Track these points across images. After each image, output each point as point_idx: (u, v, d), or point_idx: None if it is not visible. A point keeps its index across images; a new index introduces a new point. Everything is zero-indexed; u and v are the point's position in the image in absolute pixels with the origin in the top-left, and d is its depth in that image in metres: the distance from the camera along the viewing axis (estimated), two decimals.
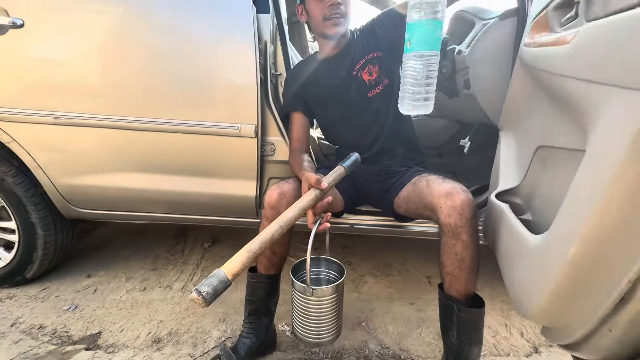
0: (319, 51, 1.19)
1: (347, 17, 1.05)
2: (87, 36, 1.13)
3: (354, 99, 1.12)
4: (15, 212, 1.30)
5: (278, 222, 0.77)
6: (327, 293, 0.88)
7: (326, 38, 1.10)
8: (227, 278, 0.66)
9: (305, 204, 0.82)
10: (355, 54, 1.11)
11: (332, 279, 1.02)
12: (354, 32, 1.15)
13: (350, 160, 0.96)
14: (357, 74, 1.10)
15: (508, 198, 0.88)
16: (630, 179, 0.34)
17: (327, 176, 0.88)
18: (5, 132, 1.18)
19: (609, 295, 0.41)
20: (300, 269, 0.99)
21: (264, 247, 0.74)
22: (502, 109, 1.03)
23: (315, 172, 0.97)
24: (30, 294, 1.38)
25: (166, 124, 1.15)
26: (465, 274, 0.83)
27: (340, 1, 1.01)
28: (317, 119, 1.24)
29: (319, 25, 1.06)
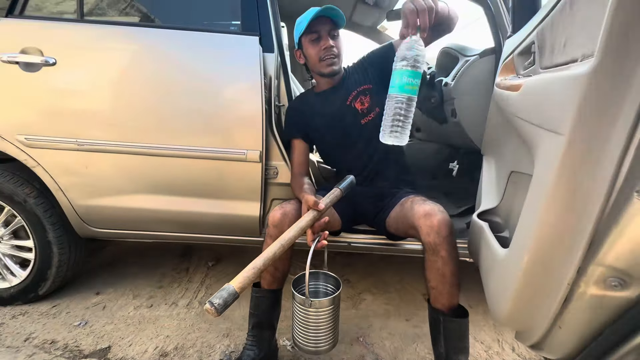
0: (316, 86, 1.33)
1: (339, 56, 1.20)
2: (109, 72, 1.26)
3: (349, 126, 1.24)
4: (33, 231, 1.39)
5: (280, 241, 0.86)
6: (325, 305, 0.96)
7: (322, 76, 1.23)
8: (235, 291, 0.75)
9: (304, 224, 0.91)
10: (348, 87, 1.25)
11: (330, 292, 1.10)
12: (347, 68, 1.30)
13: (346, 182, 1.06)
14: (350, 104, 1.23)
15: (489, 217, 0.98)
16: (558, 201, 0.44)
17: (324, 198, 0.98)
18: (31, 157, 1.29)
19: (556, 296, 0.50)
20: (301, 283, 1.07)
21: (267, 263, 0.83)
22: (483, 137, 1.15)
23: (314, 194, 1.08)
24: (42, 310, 1.44)
25: (178, 149, 1.26)
26: (447, 288, 0.91)
27: (332, 44, 1.16)
28: (316, 145, 1.36)
29: (316, 65, 1.20)
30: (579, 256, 0.44)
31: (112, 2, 1.46)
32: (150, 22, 1.43)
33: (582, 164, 0.41)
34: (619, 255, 0.40)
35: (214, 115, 1.27)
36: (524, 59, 0.85)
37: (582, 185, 0.42)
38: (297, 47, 1.24)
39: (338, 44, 1.19)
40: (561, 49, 0.59)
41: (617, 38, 0.36)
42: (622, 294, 0.43)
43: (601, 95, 0.38)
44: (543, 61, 0.69)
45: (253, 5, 1.29)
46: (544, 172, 0.48)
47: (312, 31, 1.15)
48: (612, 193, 0.39)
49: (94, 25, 1.30)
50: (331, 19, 1.15)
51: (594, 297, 0.45)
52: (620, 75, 0.36)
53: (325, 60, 1.17)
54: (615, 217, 0.39)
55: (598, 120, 0.39)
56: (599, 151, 0.39)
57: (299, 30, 1.18)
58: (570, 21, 0.57)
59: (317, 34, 1.16)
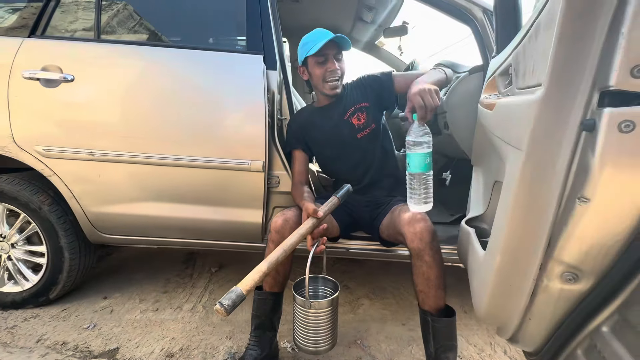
0: (317, 102, 1.41)
1: (342, 78, 1.28)
2: (122, 87, 1.35)
3: (346, 139, 1.32)
4: (47, 237, 1.46)
5: (282, 247, 0.93)
6: (324, 306, 1.02)
7: (324, 95, 1.32)
8: (242, 293, 0.82)
9: (304, 231, 0.99)
10: (346, 103, 1.33)
11: (329, 295, 1.16)
12: (346, 85, 1.38)
13: (343, 191, 1.14)
14: (347, 119, 1.32)
15: (476, 224, 1.05)
16: (521, 207, 0.51)
17: (323, 206, 1.06)
18: (48, 166, 1.38)
19: (525, 291, 0.56)
20: (301, 286, 1.13)
21: (271, 267, 0.90)
22: (472, 149, 1.23)
23: (314, 202, 1.15)
24: (52, 313, 1.50)
25: (185, 160, 1.35)
26: (433, 291, 0.98)
27: (337, 67, 1.23)
28: (315, 156, 1.44)
29: (319, 85, 1.28)
30: (540, 254, 0.51)
31: (122, 20, 1.56)
32: (158, 39, 1.53)
33: (538, 175, 0.48)
34: (570, 253, 0.47)
35: (220, 127, 1.36)
36: (504, 79, 0.94)
37: (539, 193, 0.49)
38: (302, 64, 1.31)
39: (342, 66, 1.26)
40: (530, 73, 0.68)
41: (560, 71, 0.44)
42: (576, 287, 0.49)
43: (549, 118, 0.46)
44: (518, 82, 0.77)
45: (257, 26, 1.39)
46: (509, 182, 0.55)
47: (319, 54, 1.21)
48: (563, 200, 0.46)
49: (110, 45, 1.40)
50: (338, 44, 1.23)
51: (554, 290, 0.52)
52: (564, 103, 0.44)
53: (329, 82, 1.25)
54: (564, 220, 0.46)
55: (549, 140, 0.46)
56: (550, 165, 0.47)
57: (305, 49, 1.24)
58: (535, 49, 0.65)
59: (324, 57, 1.22)
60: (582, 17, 0.41)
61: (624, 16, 0.36)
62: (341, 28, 2.57)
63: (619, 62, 0.37)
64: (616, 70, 0.37)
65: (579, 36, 0.41)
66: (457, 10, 1.43)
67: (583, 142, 0.43)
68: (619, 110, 0.38)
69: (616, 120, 0.38)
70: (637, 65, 0.36)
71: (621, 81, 0.37)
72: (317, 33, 1.23)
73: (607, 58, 0.39)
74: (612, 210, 0.41)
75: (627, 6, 0.36)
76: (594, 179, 0.40)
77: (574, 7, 0.41)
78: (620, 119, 0.38)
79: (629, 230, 0.41)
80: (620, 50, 0.36)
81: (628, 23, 0.36)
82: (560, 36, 0.44)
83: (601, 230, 0.43)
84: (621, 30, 0.36)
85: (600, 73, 0.40)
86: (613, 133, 0.38)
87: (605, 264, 0.45)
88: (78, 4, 1.50)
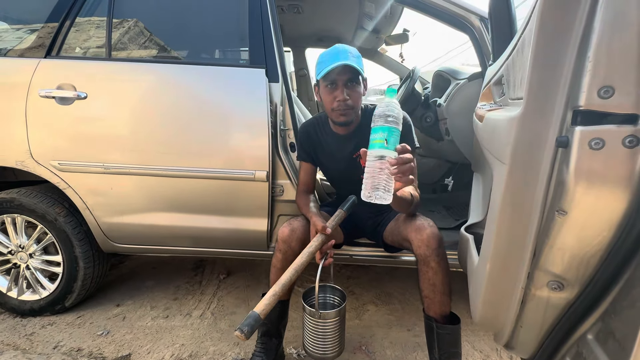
0: (331, 125, 1.28)
1: (354, 108, 1.14)
2: (133, 103, 1.42)
3: (351, 176, 1.28)
4: (62, 247, 1.53)
5: (294, 267, 0.96)
6: (332, 316, 1.05)
7: (334, 123, 1.22)
8: (259, 317, 0.86)
9: (314, 249, 1.01)
10: (359, 141, 1.20)
11: (336, 303, 1.19)
12: (367, 112, 1.23)
13: (349, 203, 1.16)
14: (356, 158, 1.24)
15: (476, 230, 1.06)
16: (507, 217, 0.53)
17: (330, 221, 1.08)
18: (63, 180, 1.44)
19: (515, 299, 0.58)
20: (310, 295, 1.17)
21: (285, 289, 0.93)
22: (472, 156, 1.24)
23: (320, 214, 1.16)
24: (68, 321, 1.57)
25: (192, 171, 1.40)
26: (439, 297, 0.99)
27: (347, 97, 1.10)
28: (321, 170, 1.43)
29: (328, 112, 1.19)
30: (527, 263, 0.53)
31: (133, 37, 1.63)
32: (168, 54, 1.59)
33: (521, 188, 0.50)
34: (554, 262, 0.49)
35: (225, 139, 1.40)
36: (499, 88, 0.96)
37: (523, 205, 0.51)
38: (316, 84, 1.21)
39: (354, 94, 1.12)
40: (519, 84, 0.70)
41: (537, 89, 0.46)
42: (562, 295, 0.51)
43: (529, 134, 0.48)
44: (510, 93, 0.79)
45: (259, 41, 1.44)
46: (496, 193, 0.57)
47: (328, 79, 1.11)
48: (544, 212, 0.48)
49: (119, 62, 1.47)
50: (350, 67, 1.08)
51: (542, 299, 0.53)
52: (541, 120, 0.46)
53: (337, 111, 1.14)
54: (547, 231, 0.48)
55: (529, 154, 0.49)
56: (532, 178, 0.49)
57: (317, 70, 1.15)
58: (522, 62, 0.67)
59: (333, 84, 1.11)
60: (554, 39, 0.43)
61: (589, 42, 0.38)
62: (343, 37, 2.62)
63: (586, 83, 0.39)
64: (584, 92, 0.39)
65: (552, 57, 0.44)
66: (454, 19, 1.45)
67: (560, 157, 0.45)
68: (589, 129, 0.40)
69: (587, 137, 0.40)
70: (604, 87, 0.38)
71: (589, 102, 0.40)
72: (332, 53, 1.10)
73: (577, 79, 0.41)
74: (588, 223, 0.43)
75: (592, 33, 0.38)
76: (569, 193, 0.42)
77: (546, 30, 0.44)
78: (591, 137, 0.40)
79: (606, 242, 0.43)
80: (587, 72, 0.39)
81: (593, 48, 0.38)
82: (535, 56, 0.46)
83: (580, 241, 0.45)
84: (588, 55, 0.39)
85: (572, 93, 0.42)
86: (584, 150, 0.40)
87: (588, 273, 0.46)
88: (91, 23, 1.57)
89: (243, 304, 1.69)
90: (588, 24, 0.39)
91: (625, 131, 0.38)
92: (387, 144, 0.78)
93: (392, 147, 0.79)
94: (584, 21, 0.39)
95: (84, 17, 1.52)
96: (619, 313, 0.42)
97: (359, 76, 1.13)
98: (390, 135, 0.79)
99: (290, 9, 2.29)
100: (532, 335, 0.58)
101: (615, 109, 0.39)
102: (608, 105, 0.39)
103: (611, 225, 0.42)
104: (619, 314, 0.42)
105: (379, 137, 0.80)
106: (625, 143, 0.38)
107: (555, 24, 0.42)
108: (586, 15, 0.39)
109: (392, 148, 0.79)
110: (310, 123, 1.36)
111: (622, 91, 0.37)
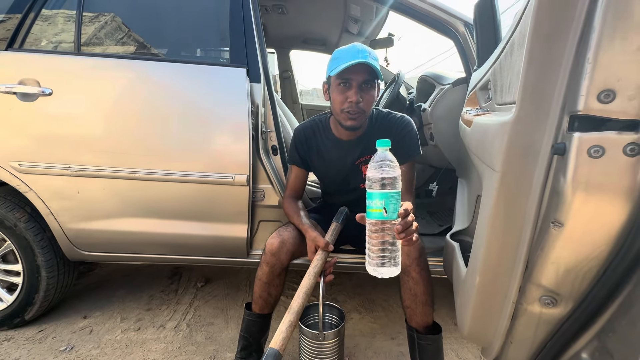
0: (334, 129, 1.21)
1: (364, 113, 1.06)
2: (103, 101, 1.32)
3: (349, 185, 1.25)
4: (23, 256, 1.41)
5: (304, 291, 0.88)
6: (331, 338, 0.99)
7: (341, 126, 1.12)
8: (279, 353, 0.75)
9: (319, 269, 0.95)
10: (364, 148, 1.16)
11: (328, 320, 1.14)
12: (375, 120, 1.17)
13: (343, 215, 1.14)
14: (358, 165, 1.19)
15: (461, 237, 1.04)
16: (498, 228, 0.50)
17: (329, 236, 1.03)
18: (24, 182, 1.33)
19: (505, 314, 0.55)
20: (306, 314, 1.13)
21: (299, 317, 0.85)
22: (457, 162, 1.23)
23: (314, 226, 1.10)
24: (28, 335, 1.44)
25: (168, 174, 1.32)
26: (420, 307, 0.96)
27: (360, 99, 1.02)
28: (316, 175, 1.36)
29: (337, 113, 1.09)
30: (518, 277, 0.50)
31: (109, 32, 1.54)
32: (146, 51, 1.51)
33: (513, 197, 0.48)
34: (547, 277, 0.46)
35: (204, 141, 1.33)
36: (484, 93, 0.94)
37: (515, 215, 0.48)
38: (326, 81, 1.12)
39: (368, 98, 1.04)
40: (507, 89, 0.68)
41: (531, 93, 0.43)
42: (555, 311, 0.48)
43: (522, 140, 0.45)
44: (496, 98, 0.77)
45: (241, 40, 1.38)
46: (486, 202, 0.55)
47: (343, 77, 1.02)
48: (538, 223, 0.46)
49: (90, 58, 1.38)
50: (370, 67, 1.00)
51: (534, 314, 0.51)
52: (535, 125, 0.44)
53: (347, 113, 1.05)
54: (540, 243, 0.45)
55: (522, 161, 0.46)
56: (525, 187, 0.46)
57: (331, 66, 1.05)
58: (511, 67, 0.65)
59: (347, 83, 1.03)
60: (550, 40, 0.40)
61: (589, 42, 0.36)
62: (328, 39, 2.59)
63: (585, 87, 0.36)
64: (583, 95, 0.37)
65: (548, 59, 0.41)
66: (439, 24, 1.45)
67: (555, 165, 0.42)
68: (588, 136, 0.37)
69: (585, 145, 0.37)
70: (604, 91, 0.36)
71: (589, 106, 0.37)
72: (350, 50, 1.02)
73: (575, 82, 0.38)
74: (585, 236, 0.41)
75: (592, 33, 0.35)
76: (566, 204, 0.40)
77: (542, 31, 0.41)
78: (590, 144, 0.37)
79: (603, 256, 0.41)
80: (586, 75, 0.36)
81: (593, 49, 0.35)
82: (529, 58, 0.43)
83: (576, 255, 0.42)
84: (587, 56, 0.36)
85: (569, 97, 0.40)
86: (583, 158, 0.38)
87: (583, 288, 0.44)
88: (64, 16, 1.47)
89: (221, 314, 1.61)
90: (587, 23, 0.36)
91: (626, 139, 0.36)
92: (387, 213, 0.71)
93: (393, 214, 0.72)
94: (582, 19, 0.37)
95: (52, 9, 1.42)
96: (617, 332, 0.40)
97: (376, 79, 1.04)
98: (389, 202, 0.71)
99: (275, 9, 2.25)
100: (523, 351, 0.55)
101: (617, 115, 0.36)
102: (608, 110, 0.36)
103: (610, 239, 0.39)
104: (618, 333, 0.39)
105: (376, 205, 0.72)
106: (627, 151, 0.36)
107: (552, 22, 0.39)
108: (585, 12, 0.36)
109: (394, 216, 0.72)
110: (309, 126, 1.26)
111: (624, 96, 0.35)
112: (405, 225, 0.72)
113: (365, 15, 2.18)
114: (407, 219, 0.73)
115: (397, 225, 0.71)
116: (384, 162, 0.72)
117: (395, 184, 0.71)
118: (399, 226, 0.71)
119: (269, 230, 1.43)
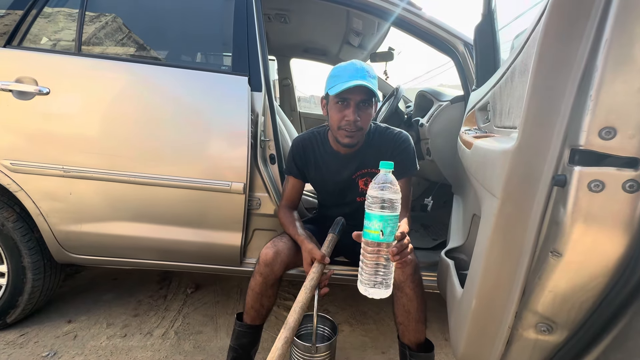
0: (332, 142, 1.22)
1: (362, 130, 1.08)
2: (101, 103, 1.31)
3: (346, 199, 1.26)
4: (9, 256, 1.37)
5: (300, 306, 0.88)
6: (322, 351, 0.98)
7: (338, 142, 1.14)
8: None
9: (316, 282, 0.95)
10: (360, 163, 1.18)
11: (320, 331, 1.12)
12: (373, 135, 1.18)
13: (339, 226, 1.13)
14: (355, 179, 1.21)
15: (456, 255, 1.05)
16: (496, 253, 0.51)
17: (326, 248, 1.03)
18: (14, 181, 1.30)
19: (500, 339, 0.55)
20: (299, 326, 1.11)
21: (295, 332, 0.84)
22: (453, 179, 1.24)
23: (311, 238, 1.10)
24: (9, 339, 1.39)
25: (164, 179, 1.30)
26: (413, 324, 0.96)
27: (357, 118, 1.04)
28: (313, 187, 1.36)
29: (334, 130, 1.11)
30: (515, 303, 0.50)
31: (109, 32, 1.53)
32: (145, 54, 1.50)
33: (513, 224, 0.48)
34: (544, 304, 0.47)
35: (201, 147, 1.33)
36: (483, 114, 0.96)
37: (513, 242, 0.49)
38: (324, 97, 1.14)
39: (365, 116, 1.07)
40: (506, 114, 0.69)
41: (532, 123, 0.44)
42: (550, 338, 0.49)
43: (523, 169, 0.46)
44: (495, 121, 0.79)
45: (244, 48, 1.39)
46: (485, 227, 0.55)
47: (341, 96, 1.04)
48: (536, 251, 0.46)
49: (90, 58, 1.36)
50: (367, 88, 1.01)
51: (529, 340, 0.51)
52: (536, 156, 0.45)
53: (344, 131, 1.07)
54: (538, 271, 0.46)
55: (522, 190, 0.47)
56: (525, 215, 0.47)
57: (329, 84, 1.07)
58: (511, 92, 0.66)
59: (345, 102, 1.05)
60: (553, 73, 0.41)
61: (591, 80, 0.37)
62: (329, 50, 2.62)
63: (587, 123, 0.38)
64: (585, 131, 0.38)
65: (551, 91, 0.42)
66: (439, 42, 1.47)
67: (555, 196, 0.43)
68: (588, 170, 0.38)
69: (586, 179, 0.38)
70: (605, 128, 0.37)
71: (590, 142, 0.38)
72: (349, 69, 1.04)
73: (577, 117, 0.39)
74: (583, 267, 0.41)
75: (595, 72, 0.36)
76: (565, 235, 0.40)
77: (546, 62, 0.42)
78: (590, 178, 0.38)
79: (600, 288, 0.41)
80: (588, 111, 0.37)
81: (595, 87, 0.37)
82: (533, 89, 0.44)
83: (573, 285, 0.43)
84: (589, 93, 0.37)
85: (571, 131, 0.41)
86: (583, 191, 0.38)
87: (579, 318, 0.44)
88: (65, 14, 1.46)
89: (210, 322, 1.58)
90: (590, 61, 0.38)
91: (626, 175, 0.37)
92: (383, 236, 0.71)
93: (389, 236, 0.72)
94: (585, 58, 0.38)
95: (55, 7, 1.41)
96: None
97: (373, 97, 1.06)
98: (386, 225, 0.71)
99: (277, 18, 2.27)
100: None
101: (617, 152, 0.37)
102: (609, 147, 0.37)
103: (607, 271, 0.40)
104: None
105: (374, 227, 0.72)
106: (626, 187, 0.37)
107: (555, 57, 0.41)
108: (588, 52, 0.38)
109: (390, 238, 0.73)
110: (307, 137, 1.26)
111: (625, 134, 0.36)
112: (400, 248, 0.73)
113: (367, 29, 2.21)
114: (402, 241, 0.74)
115: (393, 247, 0.72)
116: (385, 185, 0.72)
117: (394, 207, 0.72)
118: (394, 249, 0.72)
119: (263, 239, 1.42)
